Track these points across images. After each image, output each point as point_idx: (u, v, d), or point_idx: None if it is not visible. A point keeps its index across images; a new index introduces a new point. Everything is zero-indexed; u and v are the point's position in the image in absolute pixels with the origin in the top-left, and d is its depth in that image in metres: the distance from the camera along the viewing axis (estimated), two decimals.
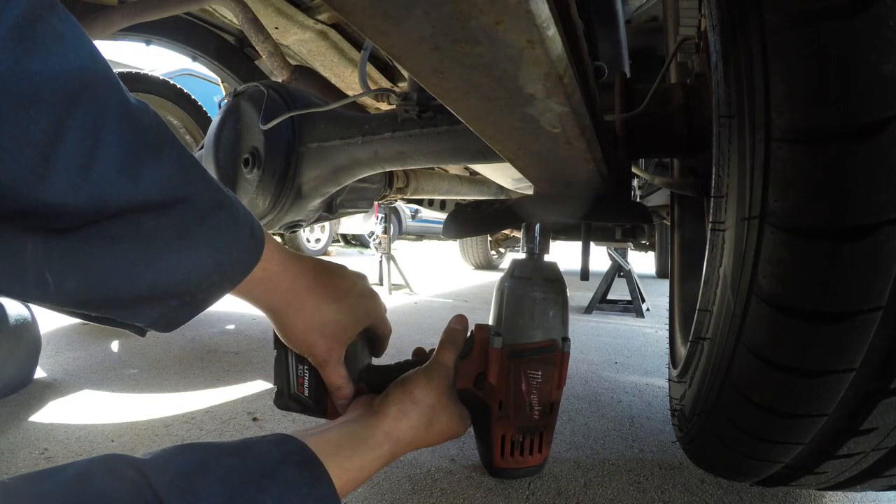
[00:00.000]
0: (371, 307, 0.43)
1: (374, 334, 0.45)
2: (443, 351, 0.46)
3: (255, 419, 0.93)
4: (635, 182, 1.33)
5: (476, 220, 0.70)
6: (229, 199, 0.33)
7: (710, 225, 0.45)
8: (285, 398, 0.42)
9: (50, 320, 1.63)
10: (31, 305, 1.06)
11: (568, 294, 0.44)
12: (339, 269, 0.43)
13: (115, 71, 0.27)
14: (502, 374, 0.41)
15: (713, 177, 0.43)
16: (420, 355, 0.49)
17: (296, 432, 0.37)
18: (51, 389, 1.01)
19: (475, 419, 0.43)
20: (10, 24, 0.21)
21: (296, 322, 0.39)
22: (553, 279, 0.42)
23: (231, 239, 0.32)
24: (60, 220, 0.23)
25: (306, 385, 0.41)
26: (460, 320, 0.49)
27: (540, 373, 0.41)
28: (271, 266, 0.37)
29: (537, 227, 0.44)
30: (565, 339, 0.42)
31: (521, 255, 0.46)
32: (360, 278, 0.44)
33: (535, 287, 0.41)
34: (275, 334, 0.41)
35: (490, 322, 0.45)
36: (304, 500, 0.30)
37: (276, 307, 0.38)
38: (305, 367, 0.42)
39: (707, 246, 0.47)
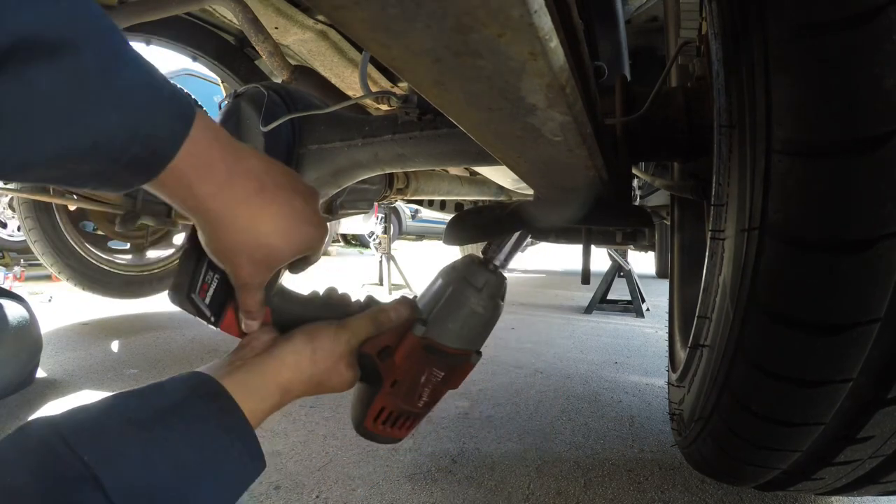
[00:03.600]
0: (314, 237, 0.36)
1: (304, 259, 0.39)
2: (365, 321, 0.40)
3: None
4: (635, 182, 1.33)
5: (478, 226, 0.70)
6: (134, 53, 0.27)
7: (709, 233, 0.45)
8: (182, 297, 0.36)
9: (50, 321, 1.63)
10: (33, 307, 1.06)
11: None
12: (290, 183, 0.35)
13: None
14: (409, 359, 0.40)
15: (713, 185, 0.43)
16: (363, 306, 0.43)
17: (203, 368, 0.35)
18: (51, 389, 1.01)
19: (363, 380, 0.42)
20: None
21: (222, 237, 0.32)
22: (499, 298, 0.41)
23: (146, 98, 0.27)
24: None
25: (210, 293, 0.36)
26: (407, 306, 0.42)
27: (443, 374, 0.40)
28: (204, 152, 0.29)
29: (513, 238, 0.42)
30: (478, 353, 0.41)
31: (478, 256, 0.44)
32: (310, 197, 0.36)
33: (480, 300, 0.39)
34: (192, 227, 0.35)
35: (418, 300, 0.43)
36: (211, 429, 0.29)
37: (202, 213, 0.31)
38: (217, 275, 0.37)
39: (707, 253, 0.47)
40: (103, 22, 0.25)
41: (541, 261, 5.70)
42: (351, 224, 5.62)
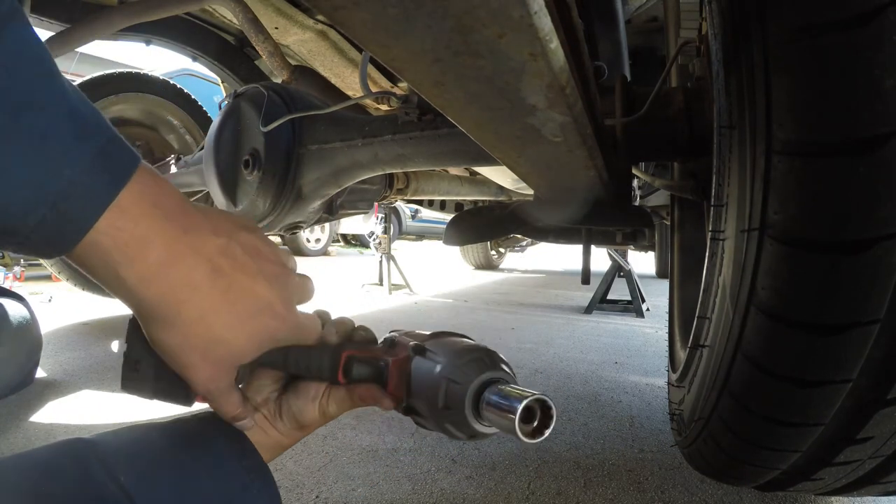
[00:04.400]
0: (280, 330, 0.28)
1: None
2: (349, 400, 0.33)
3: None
4: (635, 182, 1.33)
5: (478, 226, 0.70)
6: (62, 84, 0.21)
7: (709, 233, 0.45)
8: (137, 382, 0.27)
9: (50, 321, 1.63)
10: (33, 307, 1.06)
11: None
12: (253, 262, 0.27)
13: (115, 71, 0.20)
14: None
15: (713, 186, 0.43)
16: (386, 354, 0.33)
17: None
18: (51, 389, 1.01)
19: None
20: None
21: (164, 334, 0.25)
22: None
23: (62, 146, 0.20)
24: None
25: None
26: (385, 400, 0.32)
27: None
28: (134, 224, 0.22)
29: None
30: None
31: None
32: (277, 280, 0.28)
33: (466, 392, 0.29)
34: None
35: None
36: (235, 468, 0.29)
37: (133, 303, 0.24)
38: None
39: (707, 253, 0.47)
40: (26, 49, 0.20)
41: (541, 261, 5.70)
42: (351, 224, 5.63)
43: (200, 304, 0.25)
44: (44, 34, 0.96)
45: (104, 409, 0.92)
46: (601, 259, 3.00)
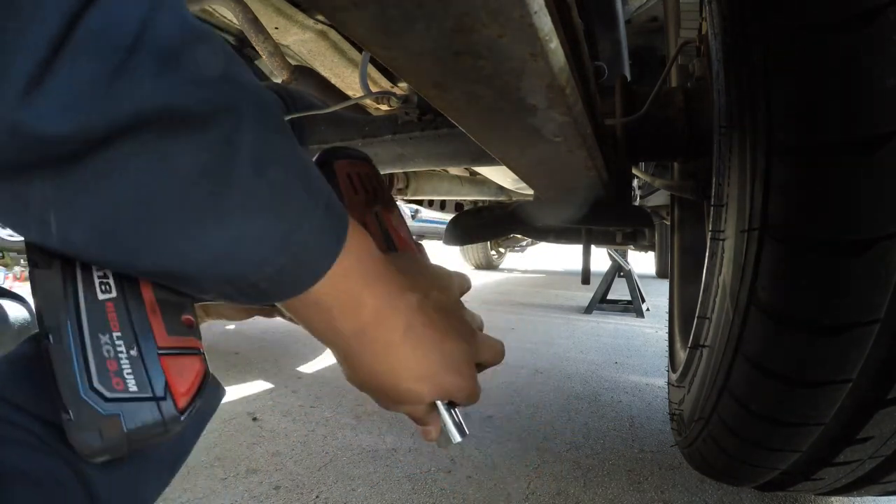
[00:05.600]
0: (459, 388, 0.29)
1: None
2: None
3: (254, 419, 0.94)
4: (635, 182, 1.33)
5: (478, 226, 0.70)
6: (293, 138, 0.22)
7: (709, 233, 0.45)
8: (86, 411, 0.20)
9: None
10: (33, 307, 1.06)
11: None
12: (441, 321, 0.28)
13: None
14: None
15: (713, 185, 0.43)
16: None
17: None
18: None
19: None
20: None
21: (358, 374, 0.28)
22: None
23: (300, 199, 0.21)
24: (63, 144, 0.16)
25: (125, 370, 0.21)
26: None
27: None
28: (352, 285, 0.24)
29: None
30: None
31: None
32: (462, 340, 0.29)
33: None
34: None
35: None
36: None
37: (336, 347, 0.27)
38: (114, 334, 0.21)
39: (707, 253, 0.47)
40: (263, 96, 0.20)
41: (541, 261, 5.70)
42: None
43: (393, 358, 0.27)
44: None
45: None
46: (601, 259, 3.00)
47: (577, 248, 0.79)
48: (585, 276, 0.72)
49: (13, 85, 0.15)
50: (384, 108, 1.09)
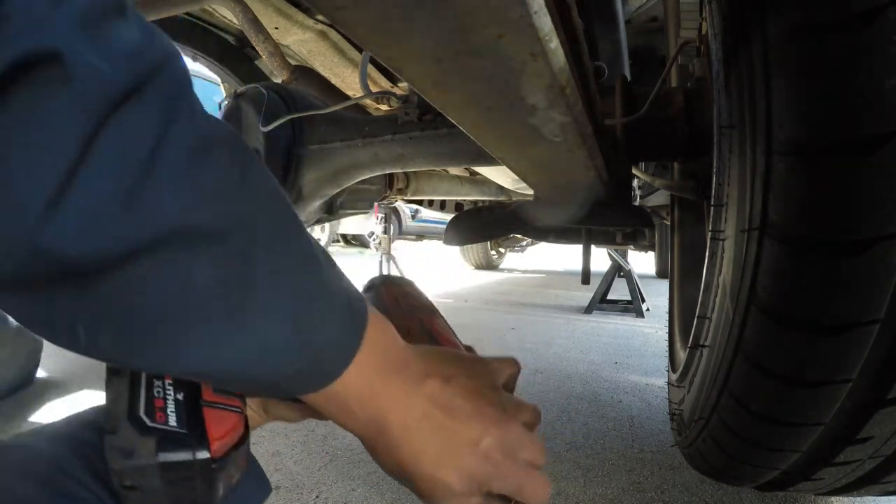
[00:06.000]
0: (497, 476, 0.27)
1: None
2: None
3: None
4: (635, 182, 1.33)
5: (478, 226, 0.70)
6: (309, 239, 0.22)
7: (709, 233, 0.45)
8: (128, 433, 0.21)
9: None
10: None
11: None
12: (468, 405, 0.27)
13: None
14: None
15: (713, 185, 0.43)
16: None
17: None
18: (51, 389, 1.01)
19: None
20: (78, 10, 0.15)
21: (384, 465, 0.28)
22: None
23: (317, 309, 0.22)
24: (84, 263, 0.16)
25: (171, 408, 0.23)
26: None
27: None
28: (373, 377, 0.25)
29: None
30: None
31: None
32: (498, 426, 0.27)
33: None
34: None
35: None
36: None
37: (358, 435, 0.27)
38: (167, 381, 0.23)
39: (707, 253, 0.47)
40: (279, 203, 0.21)
41: (541, 261, 5.70)
42: (351, 224, 5.62)
43: (414, 444, 0.26)
44: None
45: None
46: (601, 259, 3.00)
47: (577, 248, 0.79)
48: (585, 276, 0.72)
49: (33, 207, 0.15)
50: (384, 108, 1.09)
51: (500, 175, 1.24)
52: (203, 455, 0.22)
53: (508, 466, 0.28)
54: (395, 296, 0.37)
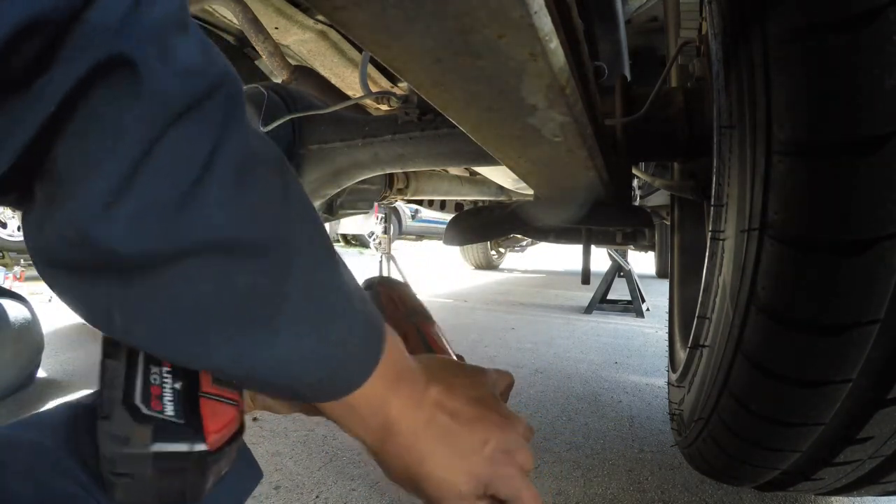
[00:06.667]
0: (499, 476, 0.28)
1: None
2: None
3: (255, 419, 0.94)
4: (635, 182, 1.33)
5: (478, 226, 0.70)
6: (339, 260, 0.24)
7: (709, 233, 0.45)
8: (122, 419, 0.20)
9: (50, 320, 1.63)
10: (34, 306, 1.06)
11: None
12: (470, 409, 0.28)
13: None
14: None
15: (713, 185, 0.43)
16: None
17: None
18: (52, 389, 1.01)
19: None
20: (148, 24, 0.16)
21: (391, 472, 0.28)
22: None
23: (343, 324, 0.23)
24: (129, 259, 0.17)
25: (167, 396, 0.22)
26: None
27: None
28: (385, 393, 0.26)
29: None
30: None
31: None
32: (498, 428, 0.29)
33: None
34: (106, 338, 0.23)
35: None
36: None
37: (365, 445, 0.28)
38: (165, 369, 0.23)
39: (707, 253, 0.47)
40: (316, 224, 0.22)
41: (541, 261, 5.70)
42: (351, 224, 5.62)
43: (421, 449, 0.27)
44: None
45: None
46: (601, 259, 3.00)
47: (577, 248, 0.79)
48: (585, 276, 0.72)
49: (92, 204, 0.16)
50: (384, 108, 1.09)
51: (500, 175, 1.24)
52: (200, 448, 0.21)
53: (511, 469, 0.29)
54: (392, 298, 0.38)
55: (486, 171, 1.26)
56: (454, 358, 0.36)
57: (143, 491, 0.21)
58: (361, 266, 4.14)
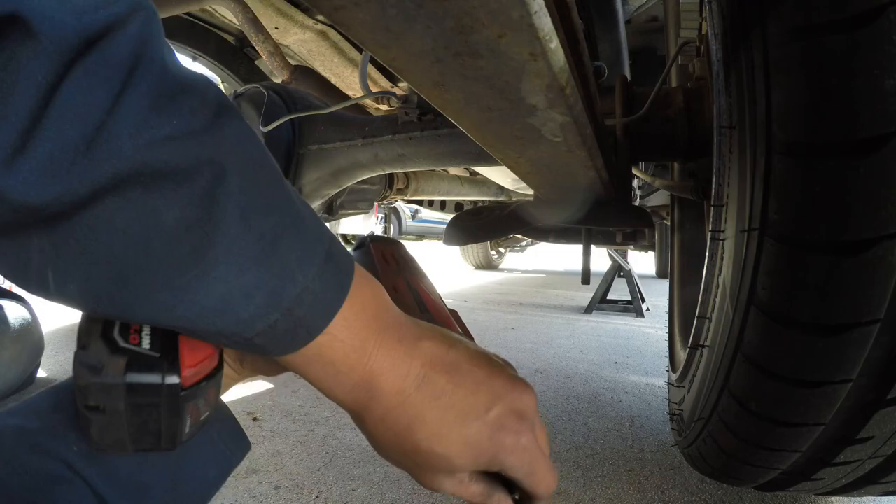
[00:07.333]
0: (509, 446, 0.24)
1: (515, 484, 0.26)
2: None
3: (255, 419, 0.94)
4: (635, 182, 1.33)
5: (478, 226, 0.70)
6: (286, 187, 0.21)
7: (709, 233, 0.45)
8: (99, 352, 0.21)
9: (51, 320, 1.63)
10: (33, 307, 1.06)
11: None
12: (474, 371, 0.25)
13: None
14: None
15: (713, 185, 0.43)
16: None
17: None
18: None
19: None
20: None
21: (375, 438, 0.25)
22: None
23: (290, 251, 0.20)
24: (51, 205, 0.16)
25: (145, 331, 0.22)
26: None
27: None
28: (357, 336, 0.22)
29: None
30: None
31: None
32: (506, 390, 0.25)
33: None
34: None
35: None
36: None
37: (348, 406, 0.24)
38: None
39: (707, 253, 0.47)
40: (250, 146, 0.20)
41: (541, 261, 5.70)
42: (351, 224, 5.63)
43: (410, 412, 0.23)
44: None
45: None
46: (601, 259, 3.00)
47: (577, 248, 0.79)
48: (585, 276, 0.72)
49: None
50: (384, 108, 1.09)
51: (500, 175, 1.24)
52: (172, 380, 0.21)
53: (527, 438, 0.24)
54: (384, 254, 0.36)
55: (486, 171, 1.26)
56: (447, 314, 0.33)
57: (116, 428, 0.21)
58: None
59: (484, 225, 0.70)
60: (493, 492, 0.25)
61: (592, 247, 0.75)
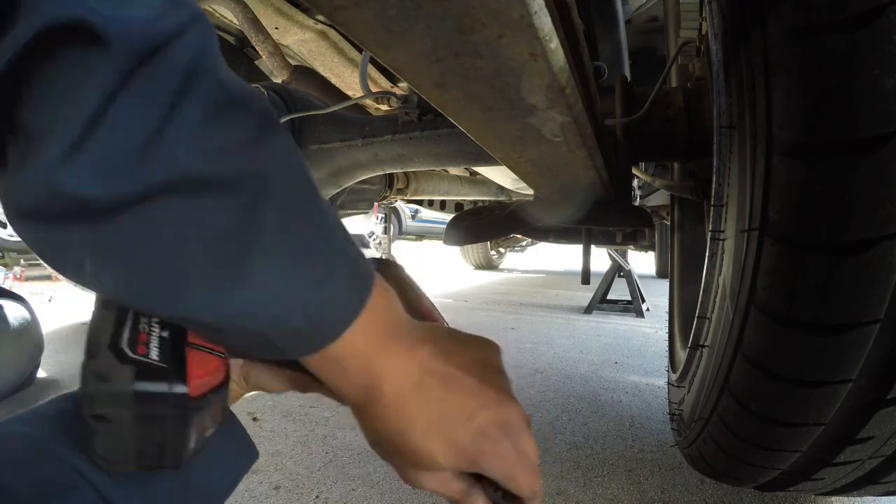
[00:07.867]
0: (487, 452, 0.26)
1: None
2: None
3: (255, 419, 0.94)
4: (635, 182, 1.33)
5: (478, 226, 0.70)
6: (322, 202, 0.23)
7: (709, 233, 0.45)
8: (108, 360, 0.21)
9: (50, 321, 1.63)
10: (33, 307, 1.06)
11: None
12: (457, 374, 0.26)
13: None
14: None
15: (713, 186, 0.43)
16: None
17: None
18: (52, 390, 1.01)
19: None
20: None
21: (370, 437, 0.27)
22: None
23: (321, 264, 0.22)
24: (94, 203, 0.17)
25: (154, 343, 0.22)
26: None
27: None
28: (370, 343, 0.24)
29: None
30: None
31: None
32: (499, 393, 0.27)
33: None
34: None
35: None
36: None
37: (350, 404, 0.26)
38: (155, 318, 0.23)
39: (707, 253, 0.47)
40: (292, 160, 0.22)
41: (541, 261, 5.70)
42: (351, 224, 5.62)
43: (403, 412, 0.25)
44: None
45: None
46: (601, 259, 3.00)
47: (577, 248, 0.79)
48: (585, 276, 0.72)
49: (56, 148, 0.17)
50: (384, 108, 1.09)
51: (500, 175, 1.24)
52: (180, 390, 0.21)
53: (504, 447, 0.26)
54: (387, 279, 0.38)
55: (486, 171, 1.26)
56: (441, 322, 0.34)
57: (121, 439, 0.21)
58: None
59: (484, 225, 0.70)
60: (472, 491, 0.27)
61: (592, 247, 0.75)
